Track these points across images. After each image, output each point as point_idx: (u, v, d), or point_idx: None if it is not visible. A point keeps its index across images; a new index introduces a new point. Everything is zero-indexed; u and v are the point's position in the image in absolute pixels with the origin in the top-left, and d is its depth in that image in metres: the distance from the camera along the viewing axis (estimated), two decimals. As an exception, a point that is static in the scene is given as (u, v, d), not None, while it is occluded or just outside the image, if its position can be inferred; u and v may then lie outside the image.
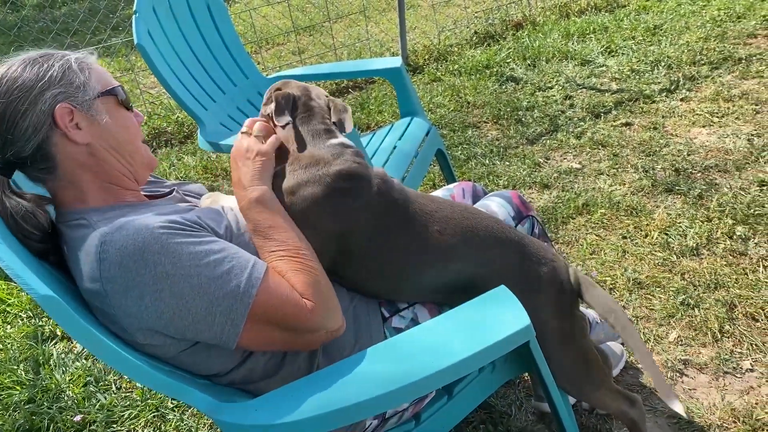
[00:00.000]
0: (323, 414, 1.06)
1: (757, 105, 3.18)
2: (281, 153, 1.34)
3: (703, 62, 3.73)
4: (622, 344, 1.97)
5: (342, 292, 1.34)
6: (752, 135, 2.92)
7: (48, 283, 1.02)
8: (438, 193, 1.80)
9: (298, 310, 1.16)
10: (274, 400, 1.12)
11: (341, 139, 1.35)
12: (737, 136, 2.94)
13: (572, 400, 1.75)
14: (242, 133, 1.36)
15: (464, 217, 1.38)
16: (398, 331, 1.35)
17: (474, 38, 4.84)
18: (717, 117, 3.15)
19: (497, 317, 1.19)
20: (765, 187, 2.54)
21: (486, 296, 1.24)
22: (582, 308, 1.66)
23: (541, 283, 1.38)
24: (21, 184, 1.24)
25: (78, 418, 1.98)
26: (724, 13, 4.35)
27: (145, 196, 1.37)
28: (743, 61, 3.65)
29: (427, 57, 4.65)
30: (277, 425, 1.06)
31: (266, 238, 1.23)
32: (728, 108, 3.20)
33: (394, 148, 2.44)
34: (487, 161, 3.13)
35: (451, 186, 1.82)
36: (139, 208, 1.23)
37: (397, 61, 2.65)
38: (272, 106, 1.36)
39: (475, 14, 5.27)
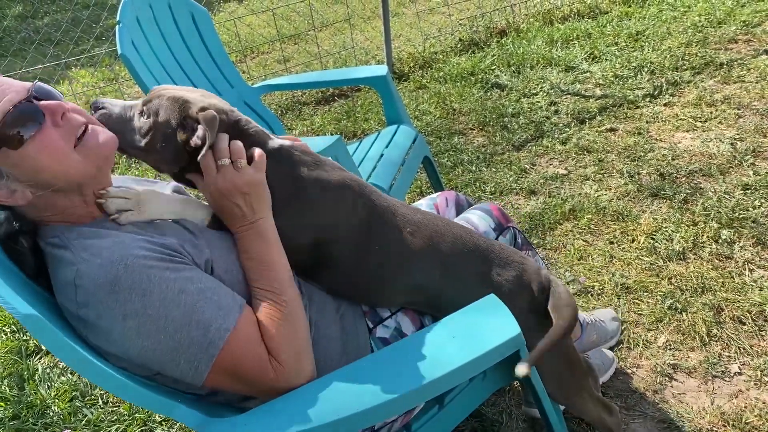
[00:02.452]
0: (313, 428, 1.05)
1: (739, 109, 3.21)
2: None
3: (685, 67, 3.77)
4: (612, 349, 1.97)
5: (329, 304, 1.34)
6: (735, 139, 2.95)
7: (31, 301, 1.01)
8: (422, 202, 1.81)
9: (262, 370, 1.13)
10: (263, 415, 1.10)
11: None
12: (720, 141, 2.96)
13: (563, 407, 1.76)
14: (222, 166, 1.18)
15: (434, 223, 1.40)
16: (383, 341, 1.34)
17: (459, 45, 4.86)
18: (700, 122, 3.18)
19: (487, 326, 1.19)
20: (749, 191, 2.56)
21: (475, 305, 1.24)
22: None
23: (512, 287, 1.39)
24: None
25: (64, 434, 1.96)
26: (705, 18, 4.40)
27: None
28: (725, 66, 3.69)
29: (412, 64, 4.66)
30: (267, 440, 1.05)
31: (256, 271, 1.19)
32: (711, 112, 3.23)
33: (381, 155, 2.44)
34: (474, 168, 3.13)
35: (434, 195, 1.83)
36: (115, 226, 1.16)
37: (382, 69, 2.65)
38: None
39: (460, 21, 5.29)
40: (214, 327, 1.09)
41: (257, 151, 1.22)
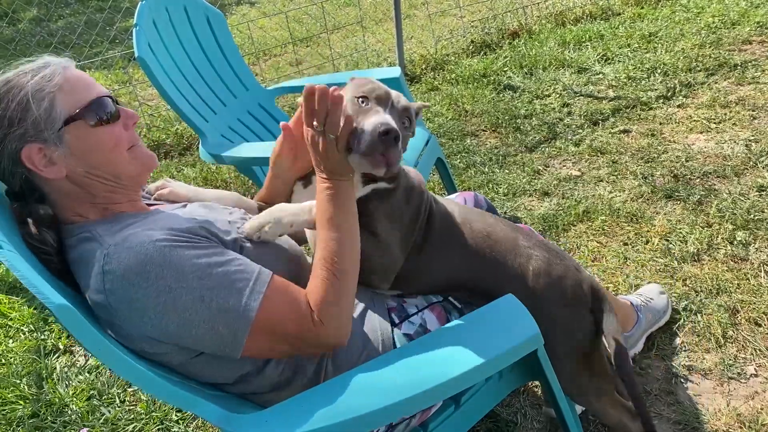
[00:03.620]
0: (333, 424, 1.06)
1: (753, 111, 3.20)
2: None
3: (698, 69, 3.76)
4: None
5: None
6: (750, 140, 2.94)
7: (62, 293, 1.03)
8: None
9: (301, 324, 1.16)
10: (284, 411, 1.12)
11: None
12: (735, 142, 2.95)
13: (579, 409, 1.75)
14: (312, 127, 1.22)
15: (465, 208, 1.53)
16: (407, 336, 1.36)
17: (471, 47, 4.86)
18: (714, 123, 3.17)
19: (505, 326, 1.20)
20: (764, 192, 2.55)
21: (494, 305, 1.25)
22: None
23: (546, 281, 1.42)
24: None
25: (84, 431, 1.98)
26: (719, 20, 4.38)
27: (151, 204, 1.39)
28: (739, 68, 3.68)
29: (424, 66, 4.67)
30: (288, 436, 1.06)
31: (322, 227, 1.24)
32: (725, 114, 3.22)
33: (395, 157, 2.45)
34: (487, 169, 3.14)
35: (452, 195, 1.84)
36: (142, 218, 1.23)
37: (396, 71, 2.66)
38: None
39: (471, 23, 5.30)
40: (248, 289, 1.13)
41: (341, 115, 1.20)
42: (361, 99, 1.24)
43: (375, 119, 1.18)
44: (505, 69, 4.31)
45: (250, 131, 2.63)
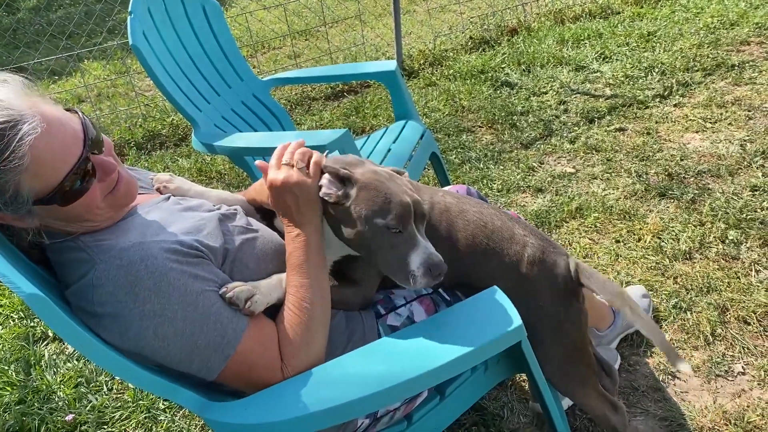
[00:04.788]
0: (313, 413, 1.06)
1: (749, 111, 3.19)
2: None
3: (696, 68, 3.75)
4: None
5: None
6: (745, 140, 2.94)
7: (35, 282, 1.02)
8: None
9: (270, 372, 1.16)
10: (264, 398, 1.12)
11: None
12: (730, 142, 2.95)
13: (565, 405, 1.75)
14: (284, 164, 1.25)
15: (459, 197, 1.51)
16: (393, 328, 1.35)
17: (469, 43, 4.85)
18: (710, 123, 3.16)
19: (489, 317, 1.19)
20: (757, 192, 2.55)
21: (478, 297, 1.25)
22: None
23: (540, 269, 1.41)
24: None
25: (69, 418, 1.97)
26: (718, 20, 4.37)
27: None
28: (736, 68, 3.67)
29: (422, 62, 4.66)
30: (267, 424, 1.06)
31: (291, 272, 1.23)
32: (721, 114, 3.22)
33: (389, 150, 2.45)
34: (482, 165, 3.13)
35: (445, 189, 1.83)
36: (130, 225, 1.20)
37: (391, 65, 2.65)
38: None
39: (471, 20, 5.28)
40: (231, 328, 1.13)
41: (313, 158, 1.26)
42: (394, 230, 1.19)
43: (420, 256, 1.19)
44: (503, 66, 4.30)
45: (244, 122, 2.62)
